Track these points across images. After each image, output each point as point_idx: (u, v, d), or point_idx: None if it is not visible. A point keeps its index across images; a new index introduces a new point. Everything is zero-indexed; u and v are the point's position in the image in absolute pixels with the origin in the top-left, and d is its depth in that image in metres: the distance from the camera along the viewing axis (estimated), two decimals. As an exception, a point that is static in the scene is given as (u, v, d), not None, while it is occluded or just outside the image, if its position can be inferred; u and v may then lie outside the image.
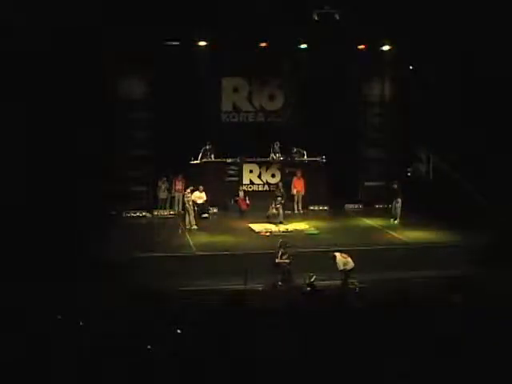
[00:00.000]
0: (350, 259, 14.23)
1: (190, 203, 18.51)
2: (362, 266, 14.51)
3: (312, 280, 14.06)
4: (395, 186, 19.45)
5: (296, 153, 21.13)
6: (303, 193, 20.82)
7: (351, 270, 14.17)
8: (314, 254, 15.76)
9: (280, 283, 14.53)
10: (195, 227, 18.43)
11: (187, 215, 18.54)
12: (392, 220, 19.27)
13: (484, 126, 17.82)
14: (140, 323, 8.73)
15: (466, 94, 18.39)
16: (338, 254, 14.29)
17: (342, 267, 14.13)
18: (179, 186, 20.55)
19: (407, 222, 18.89)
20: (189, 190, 18.53)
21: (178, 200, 20.64)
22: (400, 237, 17.78)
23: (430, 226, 18.36)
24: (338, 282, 14.16)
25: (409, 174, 21.29)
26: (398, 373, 7.04)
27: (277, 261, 14.81)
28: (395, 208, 19.26)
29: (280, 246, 15.07)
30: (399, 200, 19.10)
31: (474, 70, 17.80)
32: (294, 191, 20.80)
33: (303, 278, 14.25)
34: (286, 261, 14.81)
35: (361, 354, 7.51)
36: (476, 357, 7.41)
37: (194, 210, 18.70)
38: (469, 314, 9.24)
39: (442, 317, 9.05)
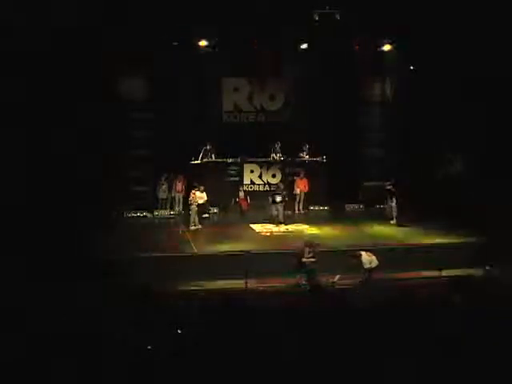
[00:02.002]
0: (374, 257, 14.31)
1: (195, 204, 18.45)
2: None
3: (336, 279, 14.14)
4: (388, 187, 19.37)
5: (304, 150, 21.14)
6: (306, 191, 20.76)
7: (375, 267, 14.27)
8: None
9: (304, 282, 14.44)
10: (199, 227, 18.40)
11: (191, 215, 18.49)
12: (391, 221, 19.14)
13: (484, 126, 17.86)
14: (140, 323, 8.74)
15: (466, 93, 18.42)
16: (363, 253, 14.37)
17: (367, 265, 14.25)
18: (179, 186, 20.58)
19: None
20: (193, 191, 18.48)
21: (179, 200, 20.68)
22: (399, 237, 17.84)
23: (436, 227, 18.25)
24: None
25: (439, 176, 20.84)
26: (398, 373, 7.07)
27: (303, 260, 14.71)
28: (390, 209, 19.17)
29: (306, 245, 14.99)
30: (394, 200, 19.00)
31: (474, 69, 17.83)
32: (298, 191, 20.82)
33: (327, 277, 14.25)
34: (312, 259, 14.73)
35: (361, 354, 7.52)
36: (476, 357, 7.43)
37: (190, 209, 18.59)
38: (469, 314, 9.23)
39: (442, 317, 9.05)
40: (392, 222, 19.15)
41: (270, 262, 15.22)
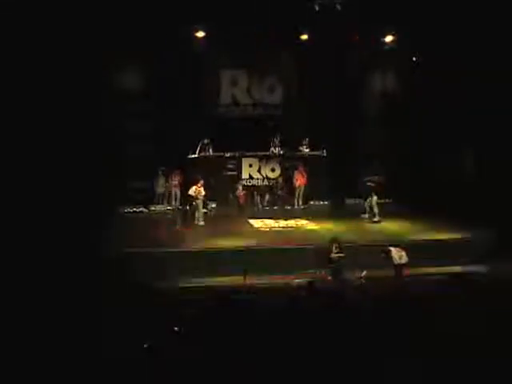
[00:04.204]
0: (404, 253, 14.31)
1: (200, 198, 18.58)
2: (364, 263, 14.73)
3: (363, 275, 14.28)
4: (370, 184, 19.39)
5: (304, 144, 21.29)
6: (304, 185, 20.99)
7: (405, 264, 14.34)
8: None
9: (330, 278, 14.53)
10: (202, 223, 18.50)
11: (196, 211, 18.53)
12: (372, 218, 19.08)
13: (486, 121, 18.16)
14: (137, 321, 8.65)
15: (469, 86, 18.60)
16: (392, 248, 14.36)
17: (397, 261, 14.26)
18: (176, 180, 20.73)
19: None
20: (199, 185, 18.50)
21: (176, 195, 20.84)
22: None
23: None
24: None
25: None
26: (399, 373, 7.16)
27: (331, 255, 14.85)
28: (370, 205, 19.11)
29: (333, 241, 15.13)
30: (374, 197, 19.03)
31: (477, 62, 18.06)
32: (297, 184, 21.00)
33: (354, 272, 14.44)
34: (341, 255, 14.88)
35: (361, 354, 7.69)
36: (477, 356, 7.50)
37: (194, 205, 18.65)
38: (471, 312, 9.26)
39: (443, 315, 9.05)
40: (375, 219, 19.02)
41: (270, 258, 15.36)
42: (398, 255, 14.32)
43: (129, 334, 8.06)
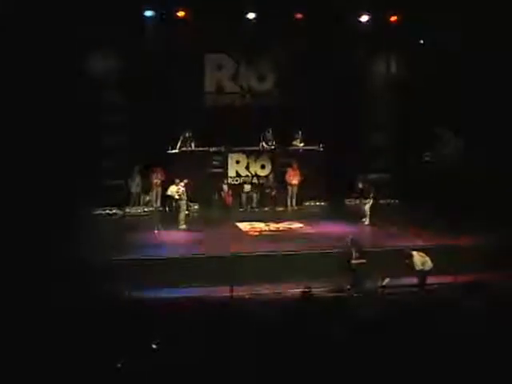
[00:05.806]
0: (427, 258, 13.95)
1: (185, 199, 18.27)
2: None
3: (384, 283, 14.03)
4: (360, 185, 19.18)
5: (297, 138, 20.99)
6: (298, 184, 20.69)
7: (430, 270, 13.94)
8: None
9: (349, 287, 14.14)
10: (184, 227, 18.12)
11: (179, 212, 18.21)
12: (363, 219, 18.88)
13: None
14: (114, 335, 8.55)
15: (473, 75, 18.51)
16: (414, 253, 14.00)
17: (419, 267, 13.88)
18: (158, 179, 20.29)
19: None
20: (183, 184, 18.22)
21: (157, 195, 20.43)
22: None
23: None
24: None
25: (426, 159, 20.77)
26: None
27: (353, 261, 14.38)
28: (364, 207, 18.90)
29: (352, 245, 14.62)
30: (368, 200, 18.81)
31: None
32: (290, 183, 20.75)
33: (375, 281, 14.23)
34: (362, 261, 14.38)
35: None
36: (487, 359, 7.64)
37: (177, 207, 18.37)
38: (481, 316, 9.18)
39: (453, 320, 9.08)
40: (364, 220, 18.88)
41: (259, 265, 15.07)
42: (420, 261, 13.97)
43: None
